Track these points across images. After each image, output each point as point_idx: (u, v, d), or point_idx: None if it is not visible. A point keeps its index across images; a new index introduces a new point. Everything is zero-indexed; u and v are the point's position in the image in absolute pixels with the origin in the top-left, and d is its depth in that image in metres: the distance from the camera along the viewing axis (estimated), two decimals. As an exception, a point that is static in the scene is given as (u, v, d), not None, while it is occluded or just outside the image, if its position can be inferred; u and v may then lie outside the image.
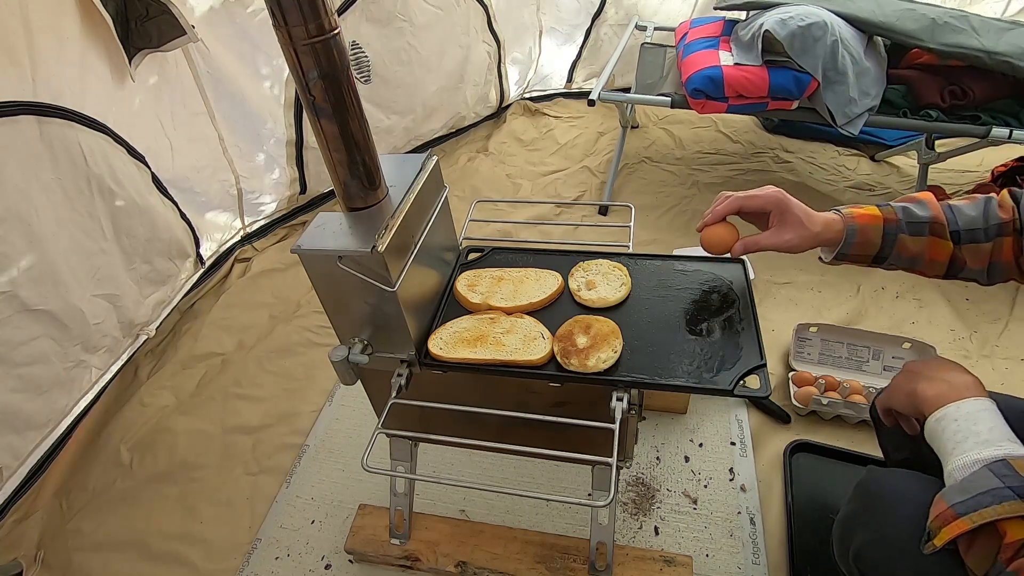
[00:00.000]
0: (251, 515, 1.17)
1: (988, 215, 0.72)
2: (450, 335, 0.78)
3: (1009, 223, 0.71)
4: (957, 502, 0.53)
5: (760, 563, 1.03)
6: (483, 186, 2.05)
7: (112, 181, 1.25)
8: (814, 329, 1.36)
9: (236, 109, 1.61)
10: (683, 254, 0.92)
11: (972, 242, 0.72)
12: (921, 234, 0.73)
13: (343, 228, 0.69)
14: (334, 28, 0.59)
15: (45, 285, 1.12)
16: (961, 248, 0.73)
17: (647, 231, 1.74)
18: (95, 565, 1.11)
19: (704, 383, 0.71)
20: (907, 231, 0.73)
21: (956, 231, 0.72)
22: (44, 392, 1.18)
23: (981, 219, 0.71)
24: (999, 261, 0.72)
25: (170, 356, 1.50)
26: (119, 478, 1.25)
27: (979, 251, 0.72)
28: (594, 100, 1.65)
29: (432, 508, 1.13)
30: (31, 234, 1.08)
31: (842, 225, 0.74)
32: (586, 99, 1.66)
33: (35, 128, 1.07)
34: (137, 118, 1.34)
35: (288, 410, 1.36)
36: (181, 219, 1.51)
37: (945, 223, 0.72)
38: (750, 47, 1.53)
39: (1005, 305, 1.46)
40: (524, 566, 1.00)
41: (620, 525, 1.09)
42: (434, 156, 0.81)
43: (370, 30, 1.77)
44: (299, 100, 1.67)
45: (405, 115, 2.00)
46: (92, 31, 1.20)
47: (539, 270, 0.88)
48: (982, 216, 0.72)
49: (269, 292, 1.68)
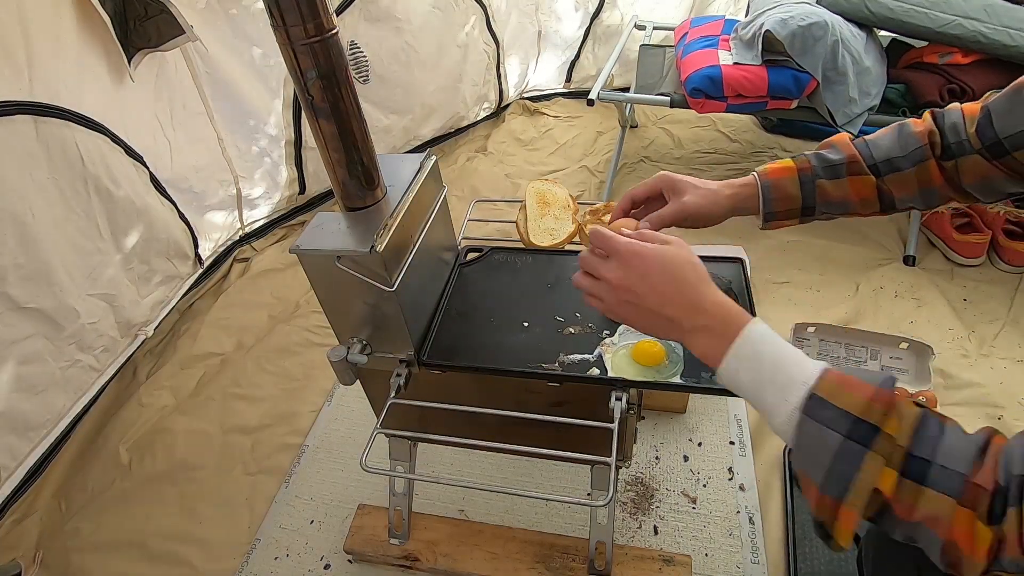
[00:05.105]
0: (250, 515, 1.17)
1: (904, 142, 0.70)
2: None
3: (928, 146, 0.69)
4: (824, 483, 0.47)
5: (759, 562, 1.04)
6: (482, 186, 2.05)
7: (109, 181, 1.25)
8: (812, 329, 1.36)
9: (235, 109, 1.60)
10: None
11: (894, 171, 0.71)
12: (839, 176, 0.72)
13: (342, 228, 0.69)
14: (332, 28, 0.59)
15: (37, 284, 1.11)
16: (884, 180, 0.71)
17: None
18: (94, 565, 1.11)
19: (703, 382, 0.71)
20: (824, 176, 0.72)
21: (874, 164, 0.71)
22: (40, 392, 1.18)
23: (898, 147, 0.70)
24: (929, 186, 0.71)
25: (169, 356, 1.50)
26: (118, 478, 1.25)
27: (904, 179, 0.71)
28: (593, 100, 1.65)
29: (431, 508, 1.13)
30: (24, 233, 1.07)
31: (756, 183, 0.74)
32: (585, 99, 1.66)
33: (32, 128, 1.07)
34: (135, 118, 1.34)
35: (287, 410, 1.36)
36: (180, 219, 1.51)
37: (861, 159, 0.71)
38: (750, 46, 1.53)
39: (1004, 305, 1.46)
40: (523, 566, 1.00)
41: (619, 524, 1.09)
42: (433, 156, 0.81)
43: (368, 30, 1.77)
44: (298, 100, 1.66)
45: (404, 115, 2.00)
46: (90, 30, 1.19)
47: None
48: (898, 143, 0.71)
49: (268, 292, 1.68)
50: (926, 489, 0.45)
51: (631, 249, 0.57)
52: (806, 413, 0.48)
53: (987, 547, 0.43)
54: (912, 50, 1.64)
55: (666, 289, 0.55)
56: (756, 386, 0.52)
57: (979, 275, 1.54)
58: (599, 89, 1.68)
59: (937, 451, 0.46)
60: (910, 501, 0.45)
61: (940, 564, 0.46)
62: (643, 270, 0.56)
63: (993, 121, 0.66)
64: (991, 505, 0.43)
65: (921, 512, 0.45)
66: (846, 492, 0.46)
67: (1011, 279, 1.52)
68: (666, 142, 2.21)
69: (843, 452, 0.46)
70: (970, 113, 0.69)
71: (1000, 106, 0.65)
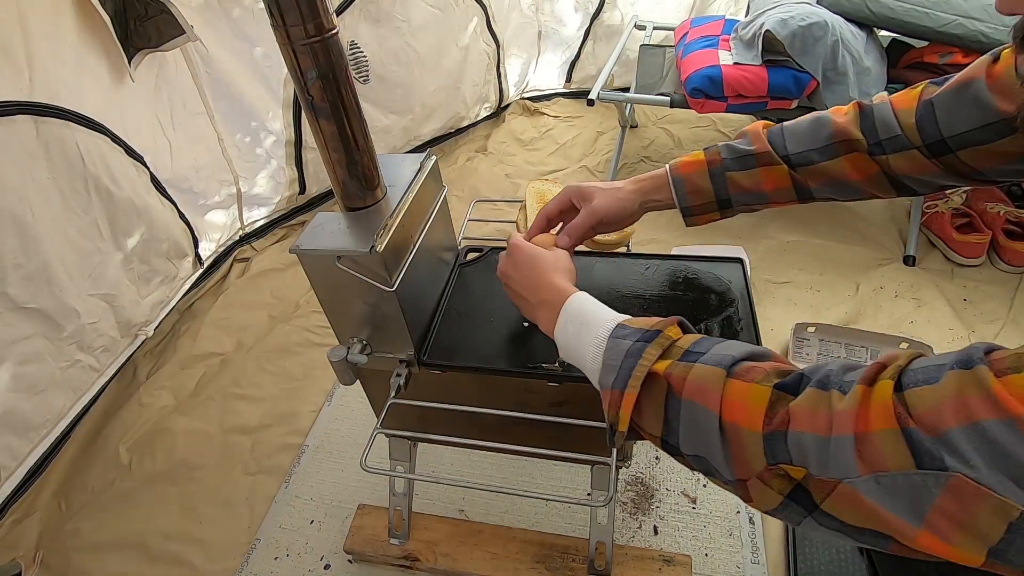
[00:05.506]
0: (250, 515, 1.17)
1: (819, 134, 0.69)
2: None
3: (845, 142, 0.68)
4: (614, 381, 0.52)
5: (759, 562, 1.04)
6: (482, 186, 2.05)
7: (110, 181, 1.25)
8: (812, 329, 1.36)
9: (235, 109, 1.60)
10: (682, 253, 0.92)
11: (806, 164, 0.70)
12: (750, 167, 0.71)
13: (342, 228, 0.69)
14: (332, 28, 0.59)
15: (37, 284, 1.11)
16: (797, 170, 0.71)
17: (646, 230, 1.74)
18: (94, 565, 1.11)
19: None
20: (734, 167, 0.72)
21: (787, 156, 0.70)
22: (40, 392, 1.18)
23: (811, 139, 0.70)
24: (844, 179, 0.70)
25: (169, 356, 1.50)
26: (118, 478, 1.25)
27: (816, 171, 0.70)
28: (593, 100, 1.65)
29: (431, 508, 1.13)
30: (24, 233, 1.07)
31: (666, 176, 0.75)
32: (585, 99, 1.66)
33: (32, 128, 1.07)
34: (136, 118, 1.34)
35: (287, 410, 1.36)
36: (180, 219, 1.51)
37: (772, 150, 0.70)
38: (750, 46, 1.53)
39: (1004, 306, 1.46)
40: (523, 566, 1.00)
41: (619, 524, 1.09)
42: (433, 156, 0.81)
43: (368, 30, 1.77)
44: (298, 100, 1.67)
45: (404, 115, 2.00)
46: (90, 31, 1.19)
47: None
48: (811, 135, 0.70)
49: (268, 292, 1.68)
50: (696, 364, 0.49)
51: (514, 243, 0.70)
52: (611, 335, 0.55)
53: (763, 406, 0.43)
54: (912, 50, 1.64)
55: (527, 274, 0.67)
56: (579, 332, 0.58)
57: (979, 275, 1.54)
58: (599, 89, 1.68)
59: (713, 347, 0.50)
60: (681, 375, 0.49)
61: (724, 468, 0.46)
62: (516, 260, 0.69)
63: (937, 118, 0.64)
64: (780, 381, 0.44)
65: (691, 383, 0.48)
66: (628, 380, 0.51)
67: (1011, 279, 1.52)
68: (666, 142, 2.21)
69: (630, 351, 0.52)
70: (902, 106, 0.66)
71: (945, 103, 0.63)
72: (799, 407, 0.42)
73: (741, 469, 0.45)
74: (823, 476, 0.40)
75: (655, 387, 0.50)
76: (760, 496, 0.44)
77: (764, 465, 0.43)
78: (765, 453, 0.42)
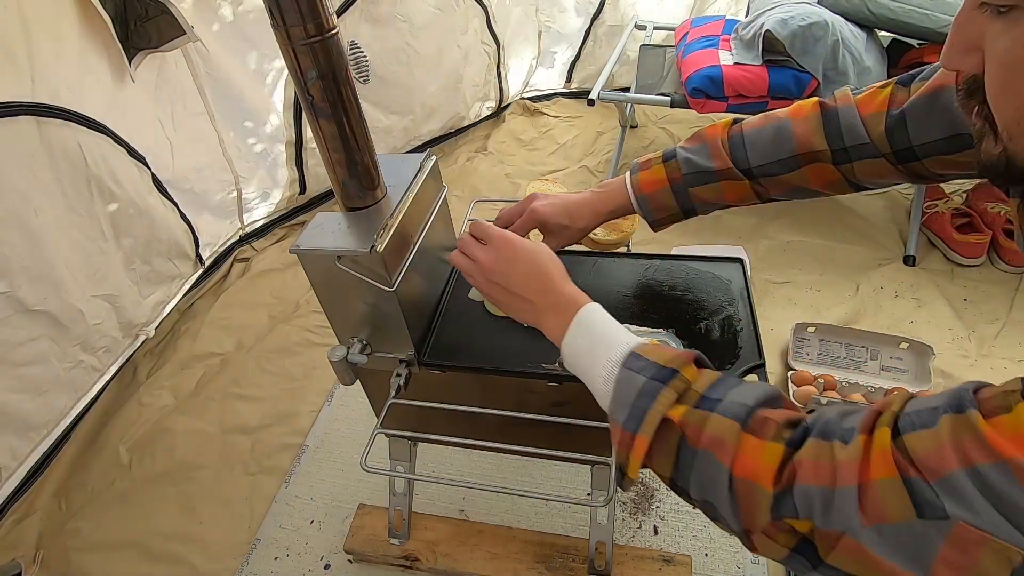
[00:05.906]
0: (250, 515, 1.17)
1: (781, 147, 0.69)
2: None
3: (808, 153, 0.68)
4: (626, 420, 0.51)
5: (759, 562, 1.03)
6: (482, 186, 2.05)
7: (112, 182, 1.25)
8: (812, 329, 1.36)
9: (235, 109, 1.60)
10: (682, 253, 0.93)
11: (767, 176, 0.71)
12: (711, 182, 0.73)
13: (342, 228, 0.69)
14: (333, 28, 0.59)
15: (44, 286, 1.12)
16: (758, 181, 0.72)
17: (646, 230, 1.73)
18: (94, 565, 1.11)
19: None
20: (696, 183, 0.73)
21: (748, 169, 0.71)
22: (43, 393, 1.18)
23: (773, 151, 0.70)
24: (806, 187, 0.71)
25: (169, 356, 1.50)
26: (118, 478, 1.25)
27: (777, 182, 0.71)
28: (593, 100, 1.65)
29: (431, 508, 1.13)
30: (30, 235, 1.07)
31: (628, 192, 0.77)
32: (585, 99, 1.66)
33: (34, 129, 1.07)
34: (137, 118, 1.34)
35: (287, 410, 1.36)
36: (181, 220, 1.51)
37: (732, 165, 0.71)
38: (751, 46, 1.53)
39: (1004, 306, 1.46)
40: (523, 566, 1.00)
41: (619, 524, 1.09)
42: (433, 156, 0.81)
43: (369, 30, 1.77)
44: (298, 100, 1.67)
45: (404, 115, 2.00)
46: (91, 31, 1.19)
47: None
48: (773, 146, 0.70)
49: (268, 292, 1.68)
50: (712, 414, 0.47)
51: (504, 237, 0.66)
52: (623, 365, 0.53)
53: (776, 464, 0.43)
54: (912, 50, 1.64)
55: (528, 274, 0.63)
56: (590, 348, 0.57)
57: (979, 275, 1.54)
58: (599, 89, 1.68)
59: (729, 392, 0.49)
60: (697, 425, 0.48)
61: (731, 518, 0.46)
62: (511, 257, 0.64)
63: (908, 127, 0.63)
64: (791, 436, 0.44)
65: (707, 436, 0.47)
66: (641, 422, 0.50)
67: (1011, 279, 1.52)
68: (666, 142, 2.21)
69: (644, 391, 0.50)
70: (870, 110, 0.65)
71: (916, 111, 0.62)
72: (803, 459, 0.42)
73: (748, 521, 0.45)
74: (827, 528, 0.40)
75: (669, 433, 0.49)
76: (765, 548, 0.45)
77: (770, 520, 0.43)
78: (772, 509, 0.43)
